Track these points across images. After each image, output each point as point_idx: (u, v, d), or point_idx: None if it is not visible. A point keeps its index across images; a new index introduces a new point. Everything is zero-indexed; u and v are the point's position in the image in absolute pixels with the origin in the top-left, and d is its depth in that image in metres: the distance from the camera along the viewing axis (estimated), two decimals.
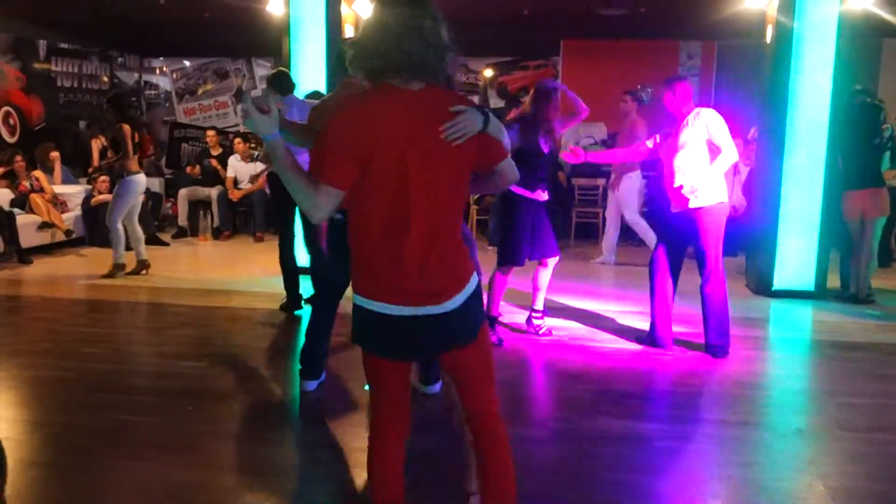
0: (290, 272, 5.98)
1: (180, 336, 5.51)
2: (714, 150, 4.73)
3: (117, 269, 7.27)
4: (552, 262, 5.26)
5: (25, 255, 7.94)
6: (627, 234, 8.60)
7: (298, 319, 5.85)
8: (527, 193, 5.02)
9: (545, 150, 5.08)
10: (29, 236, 8.20)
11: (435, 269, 2.17)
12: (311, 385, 4.29)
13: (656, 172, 6.67)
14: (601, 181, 9.68)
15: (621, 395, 4.26)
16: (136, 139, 7.10)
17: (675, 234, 4.95)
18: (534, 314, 5.40)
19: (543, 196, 5.11)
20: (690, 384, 4.48)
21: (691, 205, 4.74)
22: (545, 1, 9.29)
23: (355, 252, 2.22)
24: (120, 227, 7.22)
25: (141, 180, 7.24)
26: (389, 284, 2.17)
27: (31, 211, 8.56)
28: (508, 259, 5.12)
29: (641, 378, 4.59)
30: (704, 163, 4.74)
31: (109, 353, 4.98)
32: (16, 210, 8.32)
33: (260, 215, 9.79)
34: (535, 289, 5.34)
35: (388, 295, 2.18)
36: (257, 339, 5.34)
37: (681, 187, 4.76)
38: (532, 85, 5.75)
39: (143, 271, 7.37)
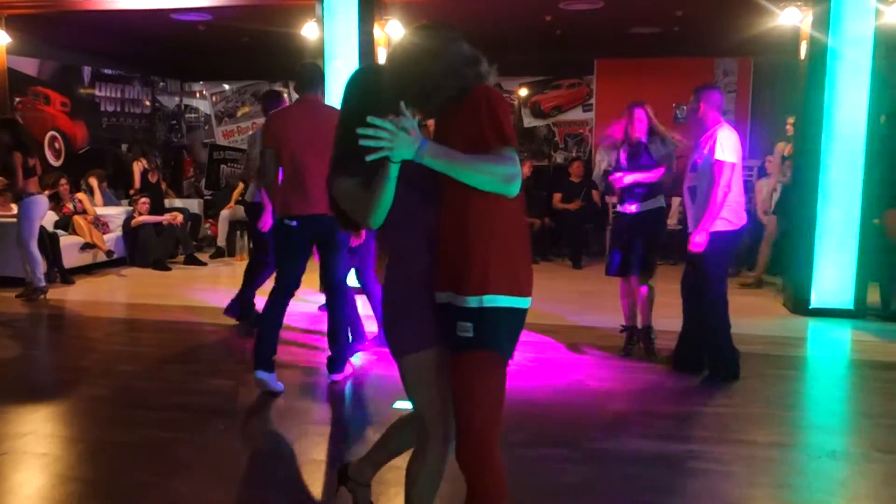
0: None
1: (215, 354, 5.60)
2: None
3: (36, 291, 7.22)
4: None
5: (68, 276, 8.13)
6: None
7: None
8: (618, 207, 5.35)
9: (624, 163, 5.19)
10: (71, 257, 8.40)
11: None
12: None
13: None
14: None
15: (652, 414, 4.22)
16: (31, 164, 7.10)
17: None
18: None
19: (631, 208, 5.18)
20: (723, 404, 4.42)
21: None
22: (578, 21, 9.29)
23: (519, 250, 2.21)
24: (35, 249, 7.23)
25: (42, 200, 7.31)
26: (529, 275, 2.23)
27: (74, 232, 8.78)
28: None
29: (672, 397, 4.55)
30: None
31: (145, 372, 5.07)
32: (59, 231, 8.54)
33: None
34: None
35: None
36: (289, 355, 5.37)
37: None
38: (565, 104, 5.76)
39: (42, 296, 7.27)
